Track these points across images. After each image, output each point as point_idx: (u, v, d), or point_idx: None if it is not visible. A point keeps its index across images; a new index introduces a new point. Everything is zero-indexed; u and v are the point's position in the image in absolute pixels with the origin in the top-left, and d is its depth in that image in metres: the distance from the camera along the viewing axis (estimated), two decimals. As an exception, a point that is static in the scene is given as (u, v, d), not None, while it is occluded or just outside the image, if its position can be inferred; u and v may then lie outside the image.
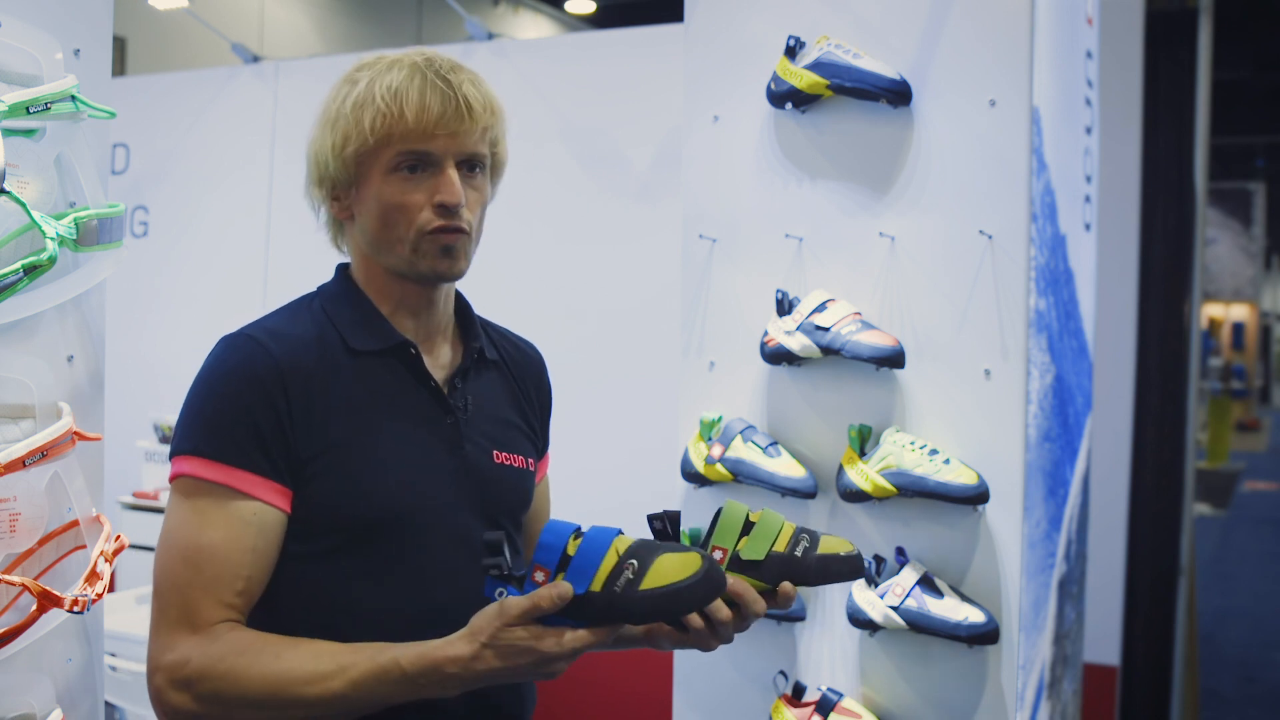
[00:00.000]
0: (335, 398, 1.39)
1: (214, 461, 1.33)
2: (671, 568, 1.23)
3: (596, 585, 1.22)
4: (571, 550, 1.23)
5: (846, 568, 1.36)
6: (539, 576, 1.23)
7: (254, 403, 1.34)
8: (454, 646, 1.23)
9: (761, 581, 1.34)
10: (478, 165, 1.44)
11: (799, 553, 1.35)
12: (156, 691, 1.31)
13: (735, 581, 1.31)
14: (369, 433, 1.39)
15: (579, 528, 1.26)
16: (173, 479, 1.36)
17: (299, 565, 1.37)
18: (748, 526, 1.36)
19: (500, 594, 1.24)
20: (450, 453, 1.45)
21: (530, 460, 1.56)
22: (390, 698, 1.27)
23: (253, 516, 1.33)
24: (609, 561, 1.23)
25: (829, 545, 1.36)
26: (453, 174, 1.40)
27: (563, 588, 1.21)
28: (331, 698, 1.26)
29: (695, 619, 1.30)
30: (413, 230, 1.40)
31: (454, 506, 1.43)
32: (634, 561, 1.22)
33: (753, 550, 1.34)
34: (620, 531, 1.26)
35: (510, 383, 1.57)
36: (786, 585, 1.34)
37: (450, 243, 1.41)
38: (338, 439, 1.37)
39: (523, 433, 1.57)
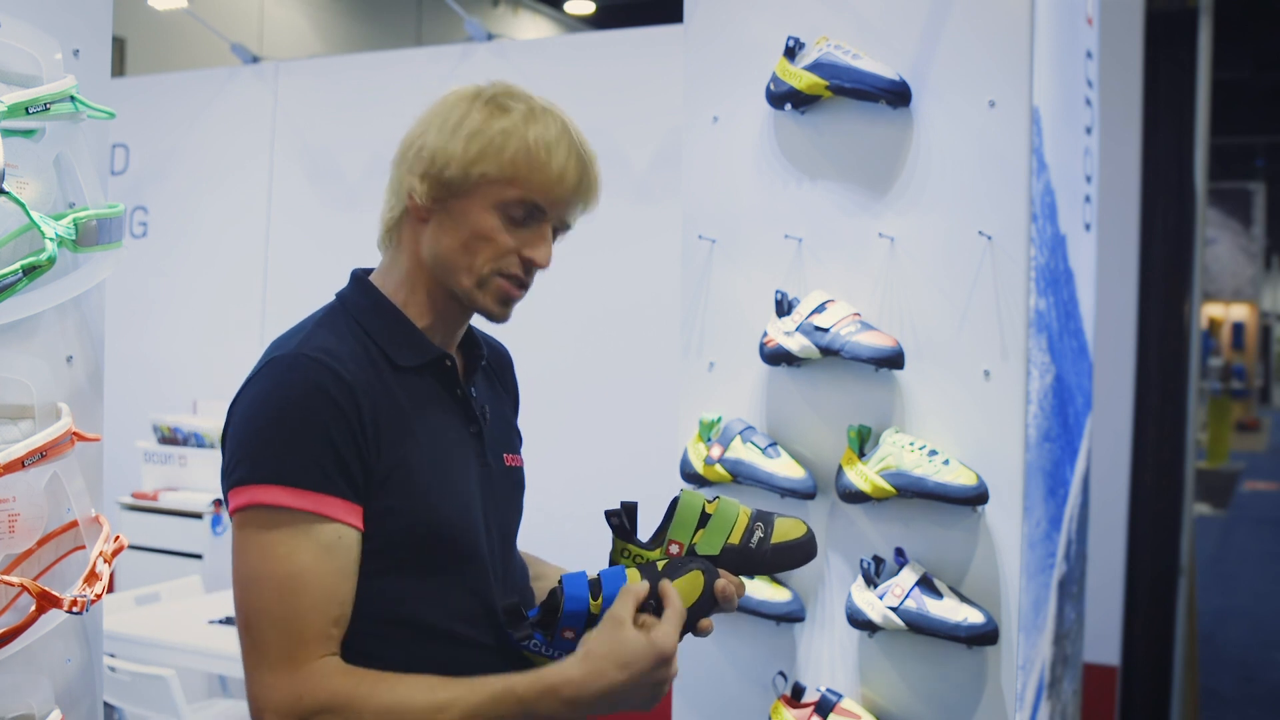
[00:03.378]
0: (394, 413, 1.37)
1: (293, 488, 1.28)
2: (687, 589, 1.32)
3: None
4: (595, 609, 1.34)
5: (800, 554, 1.41)
6: (568, 635, 1.34)
7: (330, 423, 1.29)
8: (571, 669, 1.27)
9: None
10: (559, 233, 1.47)
11: (753, 544, 1.39)
12: None
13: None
14: (424, 447, 1.38)
15: (591, 582, 1.36)
16: (241, 510, 1.29)
17: (362, 581, 1.33)
18: (704, 518, 1.39)
19: (535, 644, 1.36)
20: (480, 461, 1.46)
21: (522, 458, 1.59)
22: None
23: (338, 540, 1.29)
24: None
25: (783, 531, 1.40)
26: (549, 237, 1.43)
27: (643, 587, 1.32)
28: None
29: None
30: (490, 266, 1.41)
31: (487, 515, 1.44)
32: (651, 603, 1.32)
33: (708, 545, 1.39)
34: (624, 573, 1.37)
35: (496, 383, 1.60)
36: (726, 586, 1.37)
37: (516, 296, 1.44)
38: (403, 455, 1.35)
39: (516, 432, 1.60)
